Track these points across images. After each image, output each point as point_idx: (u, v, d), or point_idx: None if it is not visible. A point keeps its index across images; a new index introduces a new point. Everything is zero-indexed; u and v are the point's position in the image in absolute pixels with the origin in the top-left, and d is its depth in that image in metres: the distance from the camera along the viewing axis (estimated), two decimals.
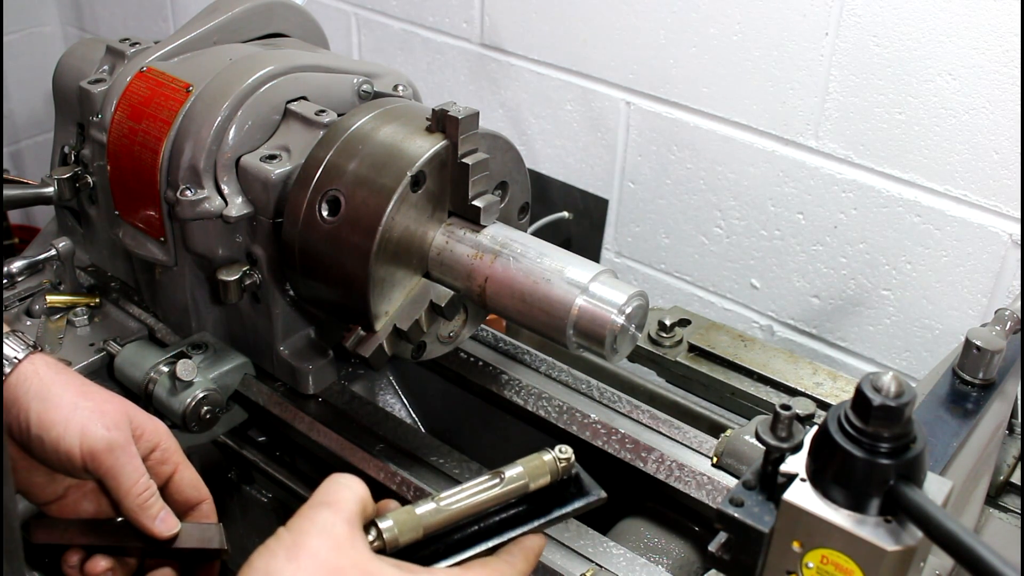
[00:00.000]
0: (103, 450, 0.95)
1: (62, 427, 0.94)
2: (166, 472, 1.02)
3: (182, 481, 1.03)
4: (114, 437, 0.96)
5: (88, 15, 2.86)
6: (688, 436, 1.25)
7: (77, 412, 0.96)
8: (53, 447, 0.94)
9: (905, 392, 0.73)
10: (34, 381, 0.96)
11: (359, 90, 1.34)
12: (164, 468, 1.02)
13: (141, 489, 0.97)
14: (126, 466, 0.96)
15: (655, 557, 1.24)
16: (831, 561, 0.76)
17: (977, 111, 1.48)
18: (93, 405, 0.97)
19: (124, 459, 0.96)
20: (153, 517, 0.98)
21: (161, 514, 0.98)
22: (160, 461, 1.02)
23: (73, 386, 0.98)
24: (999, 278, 1.56)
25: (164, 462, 1.02)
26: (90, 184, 1.45)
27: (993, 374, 1.01)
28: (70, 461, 0.95)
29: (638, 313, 1.09)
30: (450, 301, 1.16)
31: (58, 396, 0.96)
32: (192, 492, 1.04)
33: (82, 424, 0.95)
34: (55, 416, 0.94)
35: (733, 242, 1.83)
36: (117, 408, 0.99)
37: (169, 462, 1.03)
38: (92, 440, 0.95)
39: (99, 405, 0.98)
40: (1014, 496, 1.23)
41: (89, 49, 1.50)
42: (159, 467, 1.02)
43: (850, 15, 1.54)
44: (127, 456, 0.96)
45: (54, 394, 0.96)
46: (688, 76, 1.75)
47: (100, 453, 0.95)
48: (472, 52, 2.04)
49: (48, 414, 0.94)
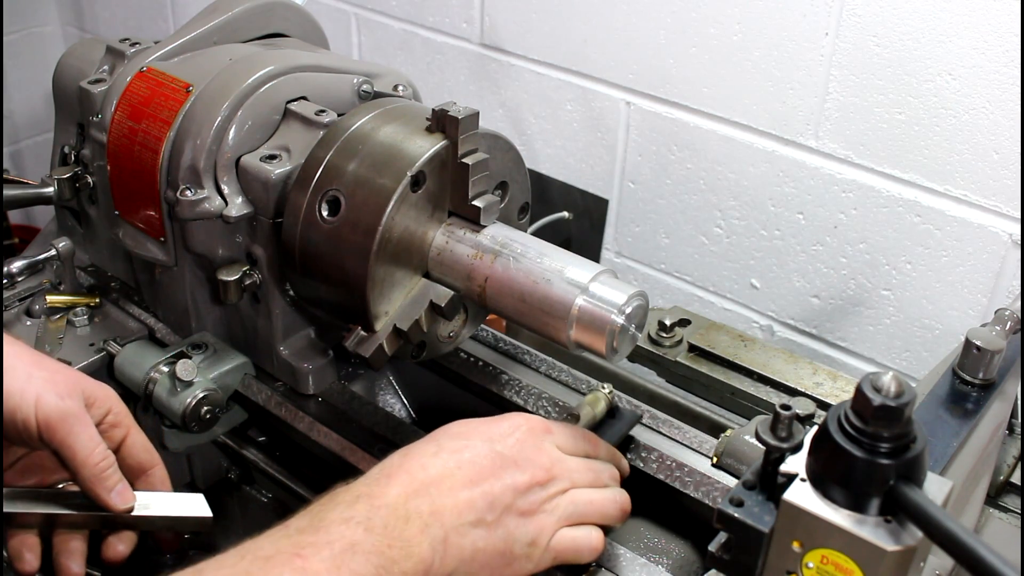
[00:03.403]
0: (57, 419, 0.95)
1: (18, 396, 0.94)
2: (118, 436, 1.04)
3: (134, 445, 1.05)
4: (68, 406, 0.96)
5: (88, 15, 2.86)
6: (688, 436, 1.25)
7: (31, 382, 0.95)
8: (10, 416, 0.94)
9: (905, 392, 0.73)
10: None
11: (359, 90, 1.34)
12: (116, 432, 1.03)
13: (98, 459, 0.97)
14: (81, 435, 0.96)
15: (655, 557, 1.24)
16: (831, 561, 0.76)
17: (977, 111, 1.48)
18: (46, 375, 0.97)
19: (79, 428, 0.96)
20: (109, 489, 0.98)
21: (118, 487, 0.99)
22: (112, 425, 1.03)
23: (25, 356, 0.99)
24: (999, 278, 1.56)
25: (116, 425, 1.03)
26: (90, 184, 1.46)
27: (993, 374, 1.01)
28: (27, 430, 0.95)
29: (638, 313, 1.09)
30: (450, 301, 1.16)
31: (11, 366, 0.96)
32: (144, 455, 1.06)
33: (36, 393, 0.95)
34: (10, 386, 0.94)
35: (733, 242, 1.83)
36: (68, 377, 1.00)
37: (121, 426, 1.04)
38: (47, 408, 0.95)
39: (51, 375, 0.98)
40: (1014, 496, 1.23)
41: (89, 49, 1.50)
42: (111, 431, 1.03)
43: (850, 15, 1.54)
44: (81, 425, 0.97)
45: (8, 364, 0.96)
46: (688, 76, 1.75)
47: (55, 422, 0.95)
48: (472, 52, 2.04)
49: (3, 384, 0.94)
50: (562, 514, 0.97)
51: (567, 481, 0.99)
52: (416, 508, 0.89)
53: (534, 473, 0.96)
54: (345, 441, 1.27)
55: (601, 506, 1.02)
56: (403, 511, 0.88)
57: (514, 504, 0.94)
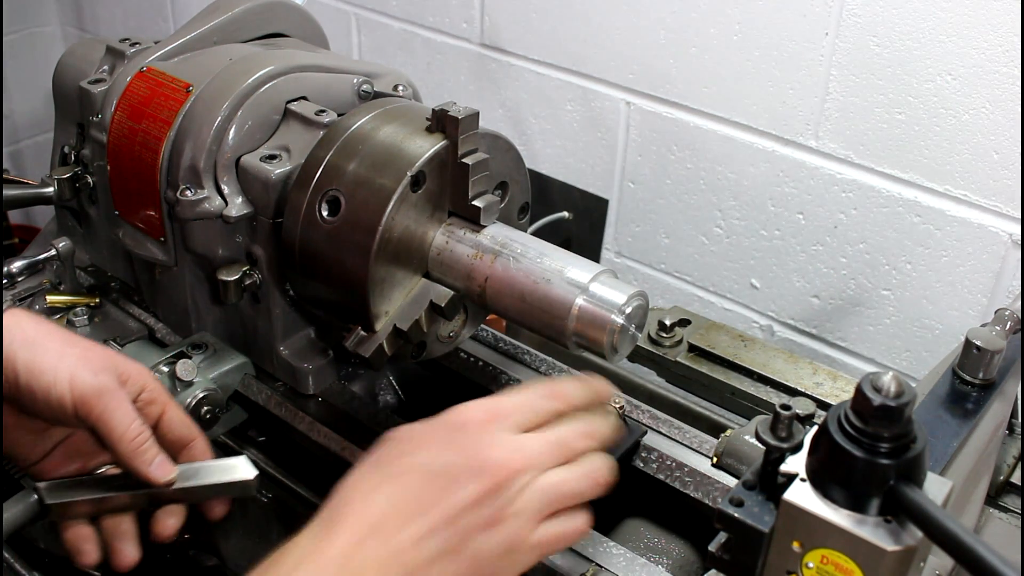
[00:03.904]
0: (93, 395, 0.94)
1: (52, 374, 0.93)
2: (155, 412, 1.02)
3: (172, 420, 1.04)
4: (102, 381, 0.95)
5: (88, 15, 2.86)
6: (688, 436, 1.25)
7: (64, 359, 0.95)
8: (44, 395, 0.93)
9: (905, 392, 0.73)
10: (17, 333, 0.95)
11: (359, 90, 1.34)
12: (153, 409, 1.02)
13: (134, 434, 0.96)
14: (116, 410, 0.95)
15: (655, 557, 1.24)
16: (831, 561, 0.76)
17: (977, 111, 1.48)
18: (79, 352, 0.97)
19: (114, 403, 0.95)
20: (148, 462, 0.97)
21: (157, 459, 0.98)
22: (148, 401, 1.02)
23: (57, 335, 0.98)
24: (999, 278, 1.56)
25: (152, 402, 1.02)
26: (90, 184, 1.46)
27: (993, 374, 1.01)
28: (62, 408, 0.94)
29: (638, 313, 1.09)
30: (450, 301, 1.16)
31: (44, 345, 0.95)
32: (183, 430, 1.05)
33: (70, 370, 0.94)
34: (43, 364, 0.93)
35: (733, 242, 1.83)
36: (101, 354, 0.99)
37: (157, 402, 1.03)
38: (82, 386, 0.94)
39: (84, 352, 0.97)
40: (1014, 496, 1.23)
41: (89, 49, 1.50)
42: (148, 408, 1.01)
43: (850, 15, 1.54)
44: (117, 400, 0.96)
45: (40, 343, 0.95)
46: (688, 76, 1.75)
47: (90, 398, 0.94)
48: (472, 52, 2.04)
49: (36, 362, 0.93)
50: (532, 511, 0.88)
51: (529, 471, 0.88)
52: (370, 555, 0.80)
53: (484, 481, 0.85)
54: (345, 441, 1.27)
55: (575, 487, 0.91)
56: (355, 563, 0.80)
57: (473, 520, 0.84)
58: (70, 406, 0.94)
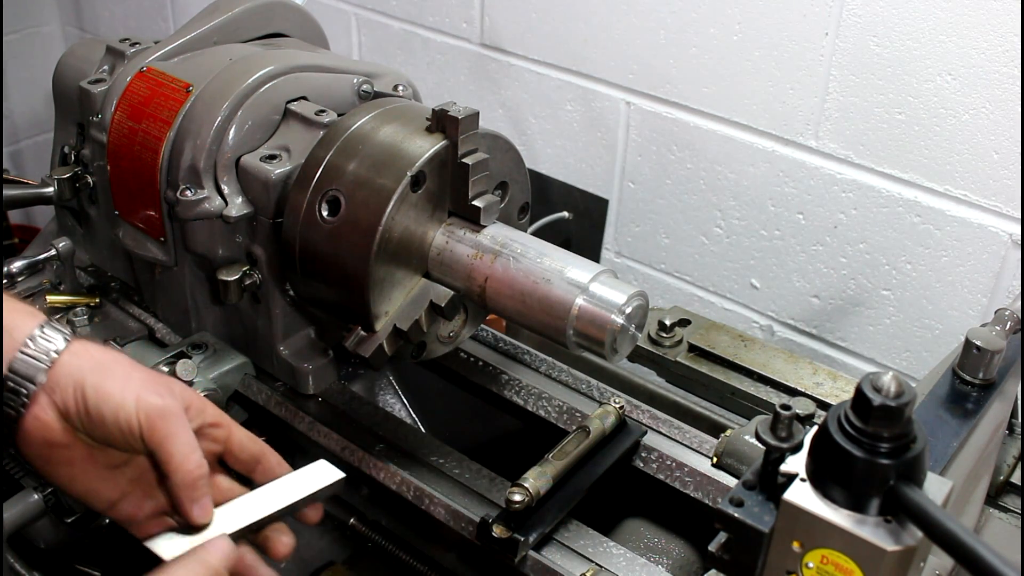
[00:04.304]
0: (158, 416, 0.94)
1: (119, 396, 0.93)
2: (222, 436, 1.02)
3: (241, 439, 1.03)
4: (168, 404, 0.95)
5: (88, 15, 2.86)
6: (688, 436, 1.25)
7: (131, 382, 0.94)
8: (113, 417, 0.93)
9: (905, 392, 0.73)
10: (86, 358, 0.95)
11: (359, 90, 1.34)
12: (218, 432, 1.02)
13: (193, 465, 0.95)
14: (179, 435, 0.94)
15: (655, 557, 1.24)
16: (831, 561, 0.76)
17: (977, 111, 1.48)
18: (144, 376, 0.97)
19: (177, 427, 0.94)
20: (195, 500, 0.96)
21: (203, 500, 0.96)
22: (213, 425, 1.01)
23: (124, 360, 0.98)
24: (999, 278, 1.56)
25: (217, 425, 1.01)
26: (90, 184, 1.46)
27: (993, 374, 1.01)
28: (130, 429, 0.93)
29: (638, 313, 1.09)
30: (450, 301, 1.16)
31: (111, 369, 0.95)
32: (253, 445, 1.04)
33: (136, 392, 0.94)
34: (111, 387, 0.93)
35: (733, 242, 1.83)
36: (164, 380, 0.99)
37: (222, 425, 1.02)
38: (147, 407, 0.93)
39: (149, 376, 0.97)
40: (1014, 496, 1.23)
41: (89, 49, 1.50)
42: (213, 432, 1.01)
43: (850, 15, 1.54)
44: (180, 425, 0.95)
45: (108, 366, 0.95)
46: (688, 76, 1.75)
47: (155, 420, 0.93)
48: (472, 52, 2.04)
49: (105, 385, 0.93)
50: None
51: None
52: None
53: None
54: (345, 441, 1.27)
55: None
56: None
57: None
58: (136, 428, 0.93)
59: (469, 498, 1.20)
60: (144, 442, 0.94)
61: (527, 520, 1.12)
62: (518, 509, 1.10)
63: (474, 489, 1.22)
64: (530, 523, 1.12)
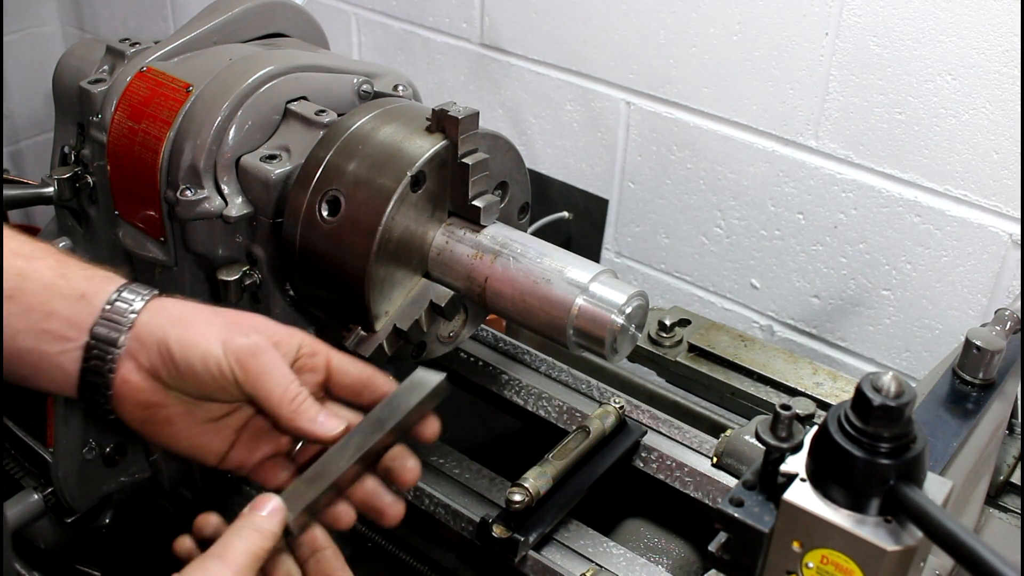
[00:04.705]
0: (248, 356, 0.91)
1: (204, 344, 0.90)
2: (321, 364, 0.97)
3: (342, 365, 0.98)
4: (255, 341, 0.92)
5: (88, 15, 2.86)
6: (688, 436, 1.26)
7: (212, 327, 0.92)
8: (203, 365, 0.90)
9: (905, 392, 0.73)
10: (164, 315, 0.93)
11: (359, 90, 1.34)
12: (316, 360, 0.96)
13: (293, 394, 0.91)
14: (274, 370, 0.91)
15: (655, 557, 1.24)
16: (831, 561, 0.76)
17: (977, 111, 1.48)
18: (227, 319, 0.94)
19: (270, 363, 0.91)
20: (313, 419, 0.92)
21: (320, 415, 0.92)
22: (309, 355, 0.96)
23: (204, 308, 0.95)
24: (999, 278, 1.56)
25: (314, 354, 0.96)
26: (90, 184, 1.45)
27: (993, 374, 1.01)
28: (223, 375, 0.90)
29: (638, 313, 1.09)
30: (450, 301, 1.16)
31: (191, 318, 0.93)
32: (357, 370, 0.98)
33: (221, 336, 0.91)
34: (194, 336, 0.91)
35: (733, 242, 1.83)
36: (249, 319, 0.96)
37: (320, 353, 0.97)
38: (236, 348, 0.91)
39: (233, 318, 0.95)
40: (1014, 496, 1.23)
41: (89, 49, 1.49)
42: (311, 361, 0.96)
43: (850, 15, 1.54)
44: (273, 360, 0.91)
45: (188, 317, 0.93)
46: (688, 76, 1.75)
47: (246, 360, 0.91)
48: (472, 52, 2.04)
49: (187, 336, 0.91)
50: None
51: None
52: None
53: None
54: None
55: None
56: None
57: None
58: (228, 371, 0.90)
59: (469, 498, 1.20)
60: (239, 385, 0.91)
61: (527, 520, 1.12)
62: (518, 509, 1.10)
63: (474, 489, 1.22)
64: (530, 523, 1.12)
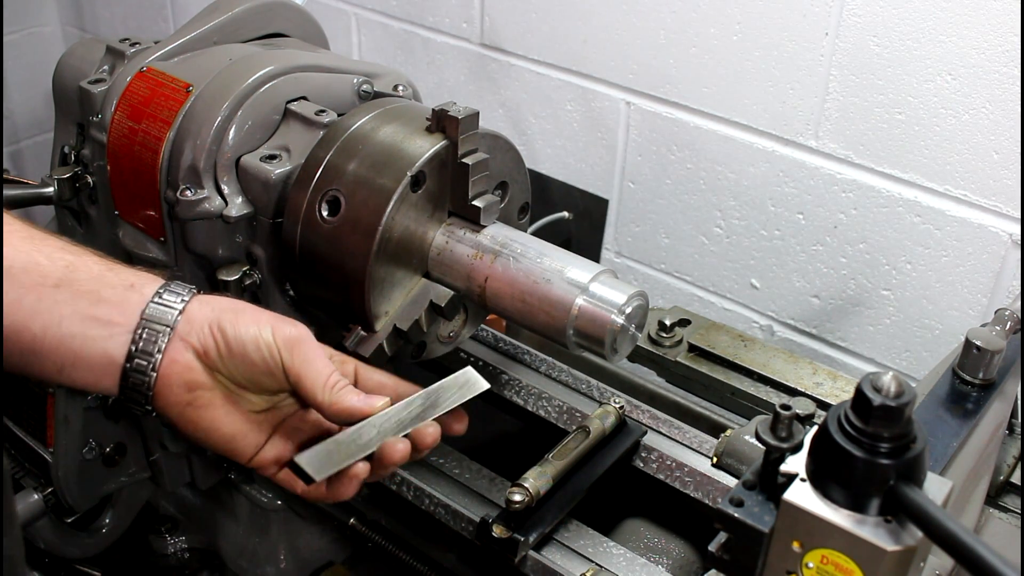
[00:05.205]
0: (296, 342, 0.97)
1: (256, 328, 0.97)
2: (349, 371, 1.04)
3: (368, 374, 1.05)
4: (302, 332, 0.99)
5: (88, 15, 2.85)
6: (688, 436, 1.26)
7: (262, 315, 0.99)
8: (255, 346, 0.96)
9: (905, 392, 0.73)
10: (214, 304, 0.98)
11: (359, 90, 1.34)
12: (346, 367, 1.04)
13: (334, 381, 0.98)
14: (317, 359, 0.98)
15: (655, 557, 1.24)
16: (831, 561, 0.76)
17: (977, 111, 1.48)
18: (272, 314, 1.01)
19: (314, 352, 0.98)
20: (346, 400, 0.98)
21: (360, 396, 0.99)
22: (340, 361, 1.04)
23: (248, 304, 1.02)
24: (999, 278, 1.56)
25: (344, 362, 1.04)
26: (90, 184, 1.45)
27: (993, 374, 1.01)
28: (272, 357, 0.97)
29: (638, 313, 1.09)
30: (450, 301, 1.16)
31: (241, 308, 0.99)
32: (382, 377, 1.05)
33: (272, 324, 0.98)
34: (247, 320, 0.97)
35: (733, 242, 1.83)
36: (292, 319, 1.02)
37: (348, 361, 1.04)
38: (285, 334, 0.97)
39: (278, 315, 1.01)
40: (1014, 496, 1.23)
41: (89, 49, 1.50)
42: (342, 367, 1.03)
43: (850, 15, 1.54)
44: (316, 350, 0.99)
45: (237, 308, 0.99)
46: (688, 76, 1.75)
47: (294, 344, 0.97)
48: (472, 52, 2.04)
49: (240, 320, 0.97)
50: None
51: None
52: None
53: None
54: None
55: None
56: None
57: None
58: (277, 353, 0.97)
59: (469, 498, 1.20)
60: (285, 370, 0.97)
61: (527, 520, 1.12)
62: (518, 509, 1.10)
63: (474, 489, 1.22)
64: (530, 523, 1.12)
